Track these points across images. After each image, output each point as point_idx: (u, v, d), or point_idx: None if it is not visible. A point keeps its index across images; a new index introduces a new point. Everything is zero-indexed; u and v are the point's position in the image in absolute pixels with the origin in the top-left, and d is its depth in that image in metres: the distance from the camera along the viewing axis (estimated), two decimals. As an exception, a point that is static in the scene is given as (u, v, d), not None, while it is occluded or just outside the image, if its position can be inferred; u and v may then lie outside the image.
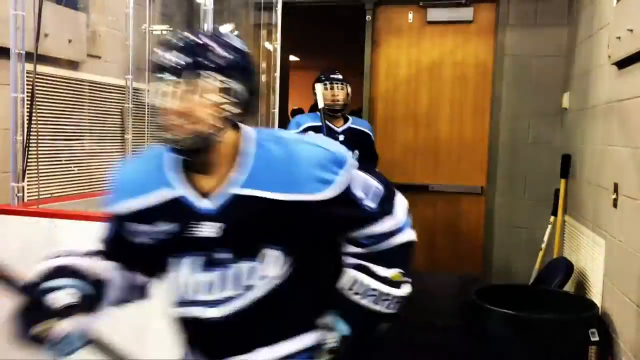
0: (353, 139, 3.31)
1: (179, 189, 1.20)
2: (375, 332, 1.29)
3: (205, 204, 1.18)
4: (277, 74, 2.69)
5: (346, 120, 3.51)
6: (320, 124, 3.30)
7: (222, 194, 1.18)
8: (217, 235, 1.17)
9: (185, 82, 1.10)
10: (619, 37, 2.57)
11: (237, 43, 1.19)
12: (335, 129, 3.41)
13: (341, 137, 3.34)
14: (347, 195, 1.20)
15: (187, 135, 1.11)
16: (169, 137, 1.12)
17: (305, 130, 3.31)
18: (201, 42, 1.14)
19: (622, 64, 2.60)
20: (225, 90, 1.13)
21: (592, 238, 2.99)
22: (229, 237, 1.17)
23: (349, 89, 3.44)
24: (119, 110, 3.47)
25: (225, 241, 1.17)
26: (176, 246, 1.21)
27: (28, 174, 2.36)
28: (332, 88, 3.35)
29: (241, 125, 1.22)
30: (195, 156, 1.16)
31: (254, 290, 1.19)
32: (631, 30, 2.40)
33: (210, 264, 1.19)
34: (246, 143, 1.20)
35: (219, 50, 1.14)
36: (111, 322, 1.27)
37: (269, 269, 1.19)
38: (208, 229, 1.17)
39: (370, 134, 3.59)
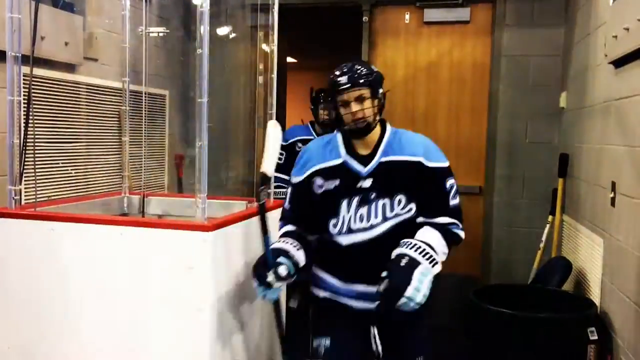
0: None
1: (346, 157, 2.02)
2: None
3: (362, 169, 2.00)
4: (275, 76, 2.68)
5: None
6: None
7: (372, 162, 2.00)
8: (370, 185, 1.98)
9: (354, 92, 1.93)
10: (615, 36, 2.58)
11: (373, 67, 2.03)
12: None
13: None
14: (439, 179, 2.01)
15: (361, 122, 1.95)
16: (350, 124, 1.96)
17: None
18: (358, 69, 1.97)
19: (619, 62, 2.61)
20: (374, 97, 1.97)
21: (590, 237, 2.99)
22: (376, 186, 1.98)
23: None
24: (116, 112, 3.47)
25: (374, 188, 1.98)
26: (345, 193, 1.99)
27: (25, 177, 2.35)
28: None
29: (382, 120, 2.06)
30: (363, 136, 1.99)
31: (388, 221, 1.97)
32: (627, 29, 2.40)
33: (363, 202, 1.97)
34: (384, 131, 2.04)
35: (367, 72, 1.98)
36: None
37: (397, 206, 1.98)
38: (366, 183, 1.98)
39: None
